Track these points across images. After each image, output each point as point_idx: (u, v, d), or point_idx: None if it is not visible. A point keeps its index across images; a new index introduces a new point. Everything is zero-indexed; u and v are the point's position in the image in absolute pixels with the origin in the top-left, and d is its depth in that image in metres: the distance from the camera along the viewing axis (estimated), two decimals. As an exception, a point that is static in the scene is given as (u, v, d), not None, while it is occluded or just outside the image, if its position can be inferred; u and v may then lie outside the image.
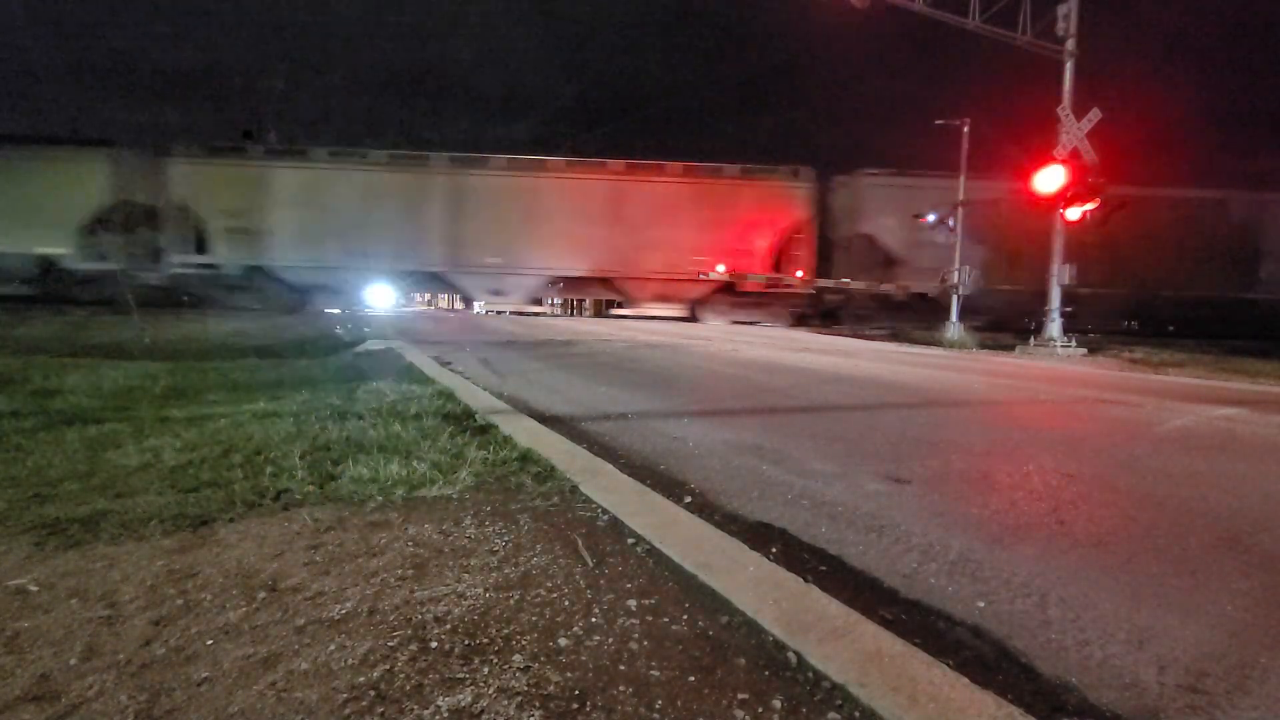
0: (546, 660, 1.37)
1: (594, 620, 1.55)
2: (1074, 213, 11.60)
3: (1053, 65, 12.46)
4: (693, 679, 1.33)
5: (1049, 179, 11.49)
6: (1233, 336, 19.19)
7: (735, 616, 1.58)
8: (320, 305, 22.43)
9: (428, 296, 38.95)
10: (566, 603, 1.63)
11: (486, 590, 1.67)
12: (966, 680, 1.29)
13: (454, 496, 2.43)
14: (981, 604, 1.79)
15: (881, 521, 2.44)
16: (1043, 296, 12.91)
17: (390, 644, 1.41)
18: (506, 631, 1.47)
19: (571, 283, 24.74)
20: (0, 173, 21.60)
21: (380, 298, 24.49)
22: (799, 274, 23.68)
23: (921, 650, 1.40)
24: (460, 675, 1.30)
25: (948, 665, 1.35)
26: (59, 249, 21.76)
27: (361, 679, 1.28)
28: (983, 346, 13.57)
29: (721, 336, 14.39)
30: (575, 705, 1.23)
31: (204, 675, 1.29)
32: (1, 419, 3.41)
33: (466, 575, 1.76)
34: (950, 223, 16.93)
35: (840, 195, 24.05)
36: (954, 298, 16.30)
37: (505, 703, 1.22)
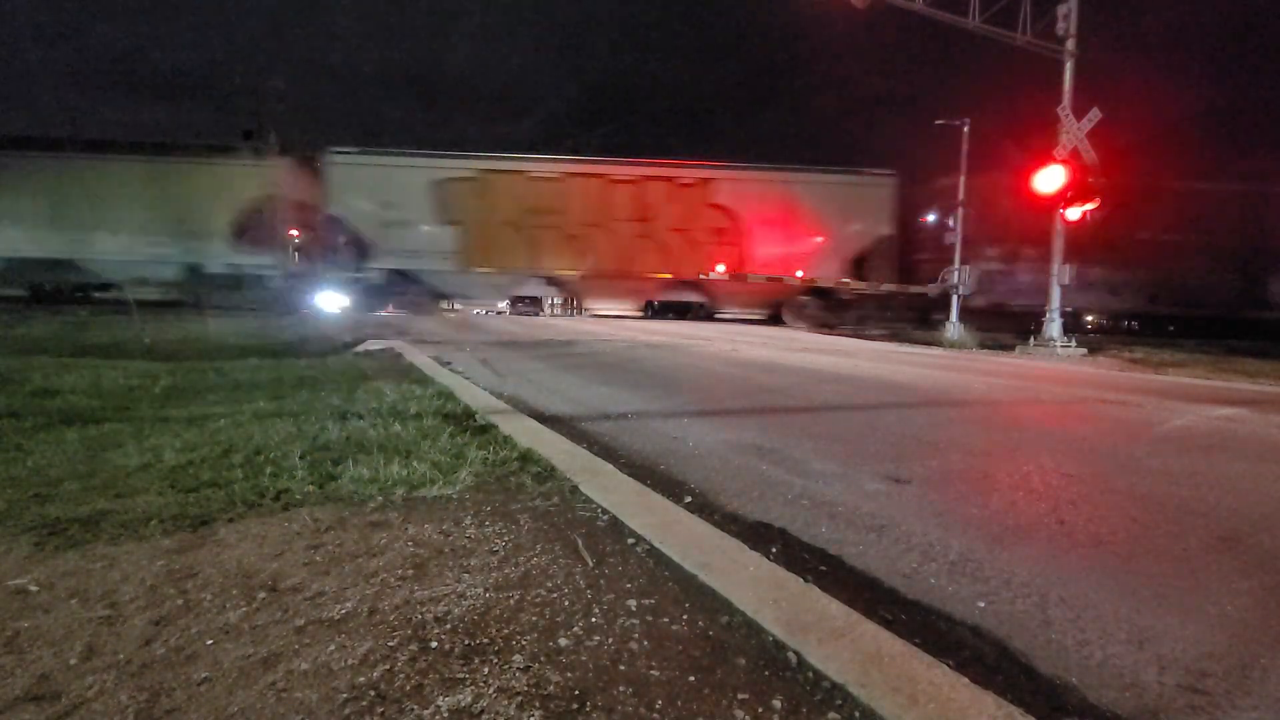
0: (546, 660, 1.37)
1: (594, 620, 1.55)
2: (1074, 213, 11.59)
3: (1053, 65, 12.46)
4: (693, 679, 1.33)
5: (1049, 179, 11.47)
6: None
7: (735, 616, 1.58)
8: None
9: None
10: (566, 603, 1.63)
11: (486, 590, 1.67)
12: (967, 680, 1.29)
13: (454, 496, 2.43)
14: (982, 604, 1.79)
15: (881, 521, 2.44)
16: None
17: (390, 644, 1.41)
18: (506, 631, 1.47)
19: (39, 265, 22.87)
20: None
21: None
22: (265, 258, 22.44)
23: (922, 650, 1.41)
24: (460, 675, 1.30)
25: (948, 665, 1.35)
26: None
27: (361, 679, 1.28)
28: (982, 346, 13.57)
29: (721, 336, 14.39)
30: (575, 705, 1.23)
31: (204, 675, 1.29)
32: (1, 419, 3.41)
33: (466, 575, 1.76)
34: (950, 222, 16.92)
35: (311, 175, 22.88)
36: (954, 298, 16.30)
37: (505, 703, 1.22)
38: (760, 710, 1.23)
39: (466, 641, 1.42)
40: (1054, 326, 12.48)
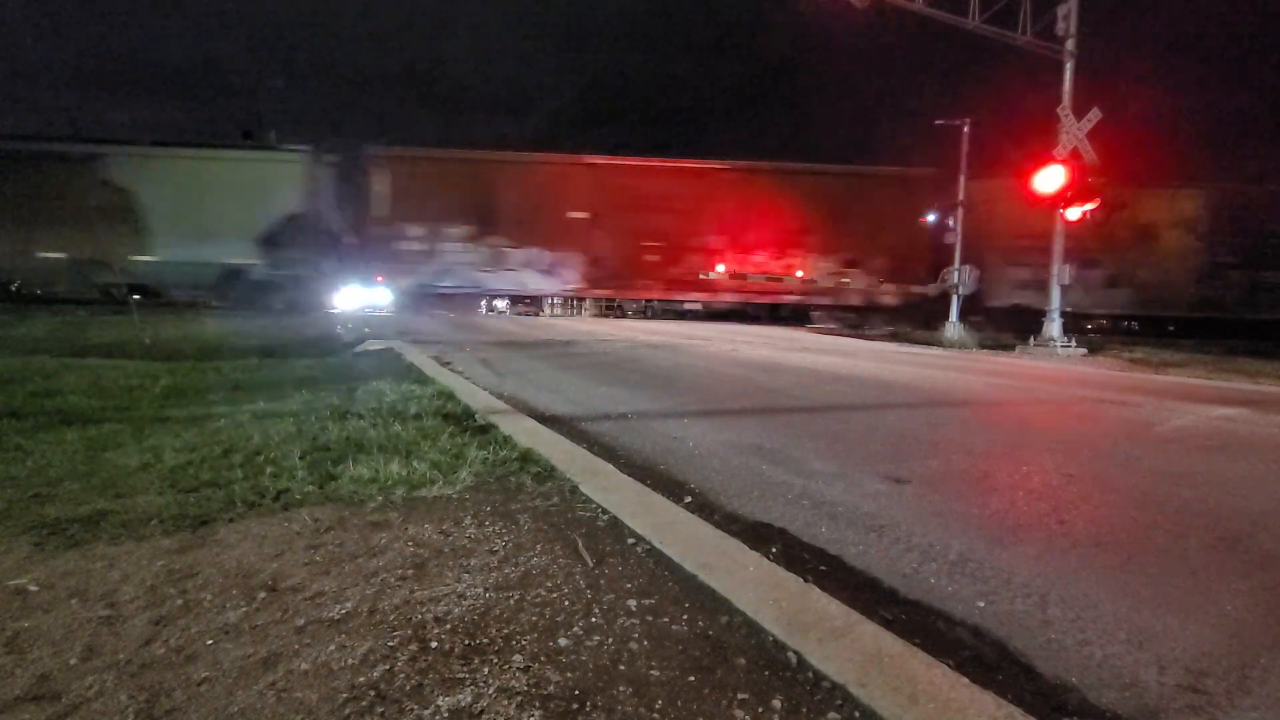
0: (546, 660, 1.37)
1: (594, 620, 1.55)
2: (1074, 213, 11.59)
3: (1053, 65, 12.47)
4: (693, 679, 1.33)
5: (1049, 179, 11.49)
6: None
7: (735, 616, 1.58)
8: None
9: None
10: (566, 603, 1.63)
11: (486, 590, 1.67)
12: (966, 680, 1.29)
13: (454, 496, 2.43)
14: (981, 604, 1.79)
15: (881, 521, 2.44)
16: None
17: (390, 644, 1.41)
18: (506, 631, 1.47)
19: None
20: None
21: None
22: None
23: (921, 650, 1.40)
24: (460, 675, 1.30)
25: (948, 665, 1.35)
26: None
27: (361, 679, 1.28)
28: (982, 346, 13.57)
29: (721, 337, 14.39)
30: (575, 705, 1.23)
31: (204, 675, 1.29)
32: (1, 419, 3.41)
33: (466, 575, 1.76)
34: (950, 222, 16.93)
35: None
36: (954, 298, 16.32)
37: (505, 703, 1.22)
38: (760, 710, 1.23)
39: (466, 641, 1.42)
40: (1054, 326, 12.49)
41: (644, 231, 22.33)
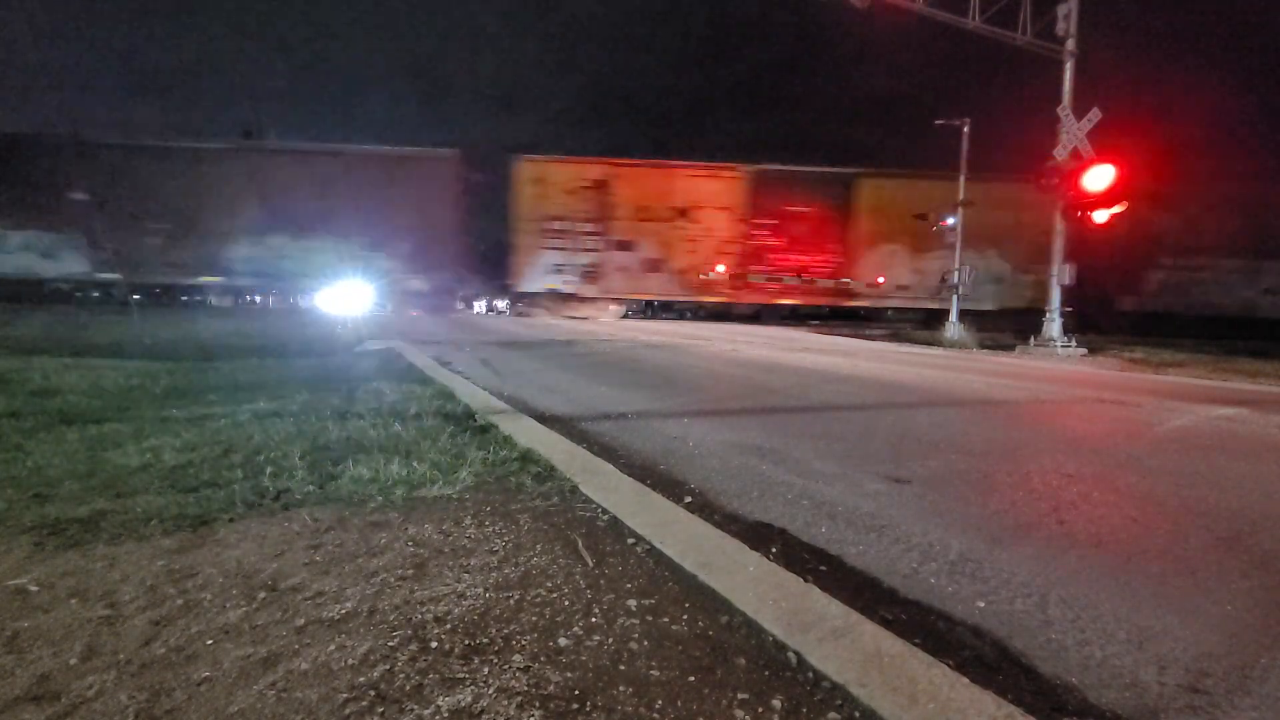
0: (546, 660, 1.37)
1: (594, 620, 1.55)
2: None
3: (1053, 65, 12.47)
4: (693, 679, 1.33)
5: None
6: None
7: (735, 616, 1.58)
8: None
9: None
10: (566, 603, 1.63)
11: (486, 590, 1.67)
12: (966, 680, 1.29)
13: (454, 496, 2.43)
14: (981, 604, 1.79)
15: (881, 521, 2.44)
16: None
17: (390, 644, 1.41)
18: (506, 631, 1.47)
19: None
20: None
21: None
22: None
23: (921, 650, 1.40)
24: (460, 675, 1.30)
25: (948, 665, 1.35)
26: None
27: (361, 679, 1.28)
28: (982, 347, 13.57)
29: (721, 336, 14.39)
30: (575, 705, 1.23)
31: (204, 675, 1.29)
32: (1, 419, 3.40)
33: (466, 575, 1.76)
34: (950, 222, 16.94)
35: None
36: (954, 298, 16.34)
37: (505, 703, 1.22)
38: (760, 710, 1.23)
39: (466, 641, 1.43)
40: (1054, 326, 12.49)
41: (151, 215, 21.88)
